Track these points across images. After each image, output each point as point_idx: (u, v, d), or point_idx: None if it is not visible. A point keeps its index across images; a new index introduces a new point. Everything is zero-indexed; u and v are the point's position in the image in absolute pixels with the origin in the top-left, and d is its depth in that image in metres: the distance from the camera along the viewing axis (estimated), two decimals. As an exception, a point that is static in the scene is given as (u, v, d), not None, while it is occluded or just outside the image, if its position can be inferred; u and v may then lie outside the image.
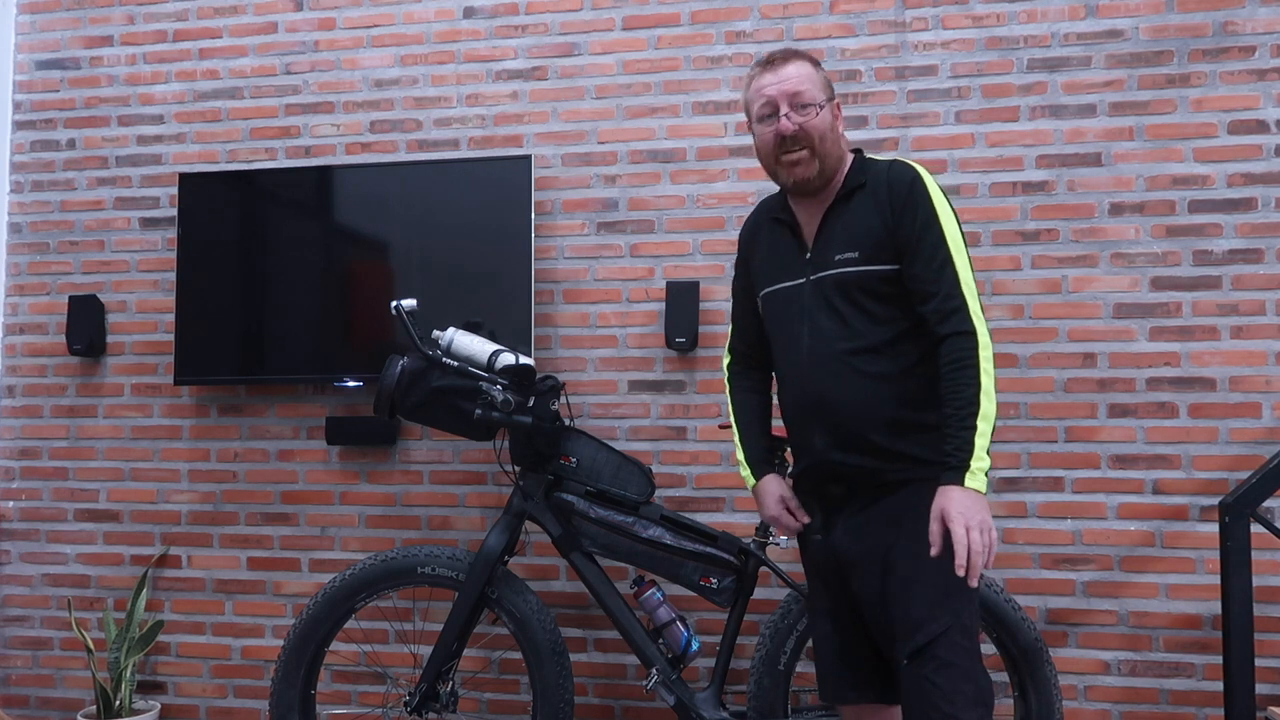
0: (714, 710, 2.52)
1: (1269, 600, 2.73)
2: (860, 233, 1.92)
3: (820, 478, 1.99)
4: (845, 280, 1.92)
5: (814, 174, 1.94)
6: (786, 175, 1.96)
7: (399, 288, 3.09)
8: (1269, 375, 2.79)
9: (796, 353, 1.97)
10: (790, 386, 2.01)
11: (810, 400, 1.95)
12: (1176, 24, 2.87)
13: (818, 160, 1.94)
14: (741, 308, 2.22)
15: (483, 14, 3.22)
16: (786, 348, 2.01)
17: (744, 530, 2.91)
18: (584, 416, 3.08)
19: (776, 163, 1.97)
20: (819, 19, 3.03)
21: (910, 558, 1.84)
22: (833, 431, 1.92)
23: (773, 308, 2.06)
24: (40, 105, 3.47)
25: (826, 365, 1.92)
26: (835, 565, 1.99)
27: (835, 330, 1.92)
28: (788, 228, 2.05)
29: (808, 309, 1.96)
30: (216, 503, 3.28)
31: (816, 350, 1.94)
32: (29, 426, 3.41)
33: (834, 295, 1.93)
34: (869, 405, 1.89)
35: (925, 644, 1.80)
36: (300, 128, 3.30)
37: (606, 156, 3.13)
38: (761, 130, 1.98)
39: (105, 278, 3.39)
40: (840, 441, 1.92)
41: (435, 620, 3.07)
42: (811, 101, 1.93)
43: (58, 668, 3.35)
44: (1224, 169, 2.83)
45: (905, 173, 1.93)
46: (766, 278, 2.08)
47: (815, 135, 1.93)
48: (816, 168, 1.94)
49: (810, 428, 1.96)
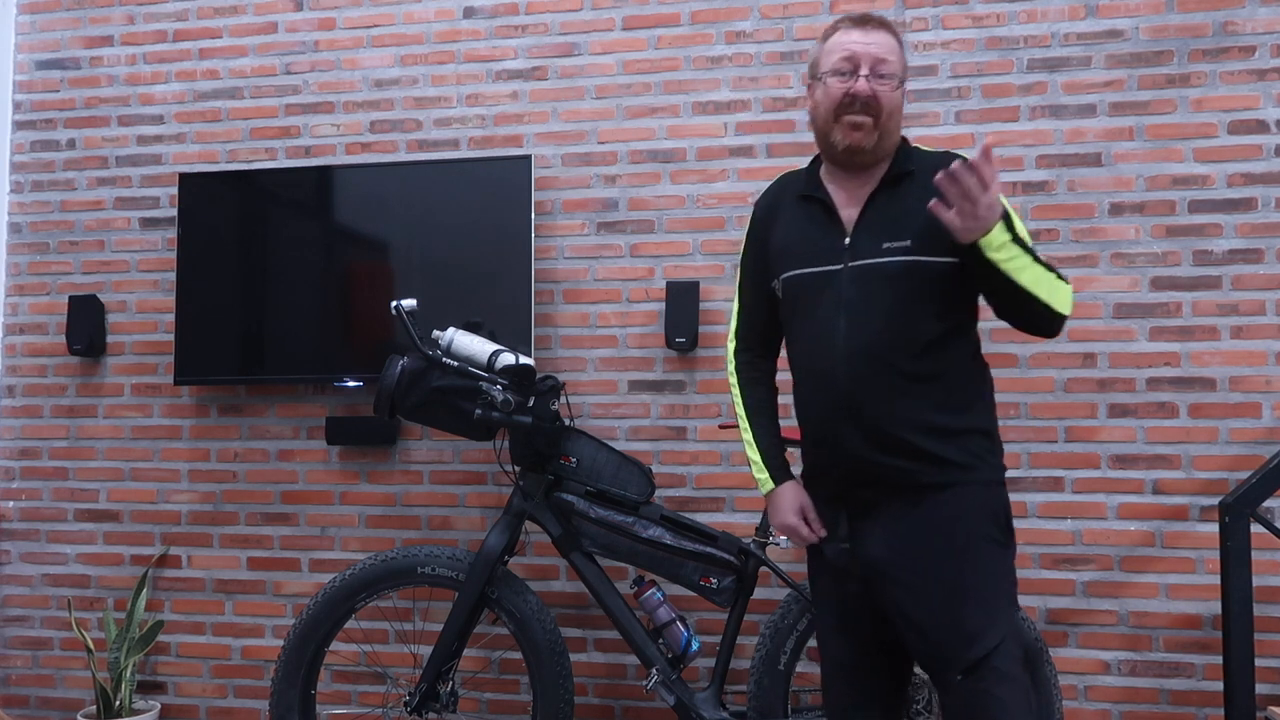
0: (714, 710, 2.52)
1: (1269, 600, 2.73)
2: (913, 222, 1.80)
3: (850, 481, 1.86)
4: (894, 271, 1.80)
5: (870, 145, 1.83)
6: (843, 136, 1.83)
7: (399, 288, 3.08)
8: (1269, 375, 2.79)
9: (829, 345, 1.83)
10: (819, 381, 1.86)
11: (844, 398, 1.81)
12: (1176, 24, 2.87)
13: (878, 134, 1.83)
14: (752, 292, 2.05)
15: (483, 14, 3.22)
16: (816, 339, 1.86)
17: (744, 530, 2.91)
18: (584, 416, 3.08)
19: (835, 120, 1.83)
20: (819, 19, 3.03)
21: (960, 569, 1.77)
22: (869, 432, 1.80)
23: (798, 294, 1.90)
24: (40, 105, 3.47)
25: (866, 361, 1.79)
26: (862, 576, 1.86)
27: (879, 324, 1.80)
28: (821, 207, 1.90)
29: (846, 299, 1.82)
30: (216, 503, 3.28)
31: (856, 344, 1.80)
32: (29, 426, 3.41)
33: (880, 286, 1.80)
34: (910, 407, 1.79)
35: (983, 657, 1.73)
36: (300, 128, 3.30)
37: (606, 156, 3.13)
38: (831, 84, 1.84)
39: (105, 278, 3.39)
40: (877, 442, 1.80)
41: (435, 620, 3.07)
42: (893, 74, 1.83)
43: (58, 668, 3.35)
44: (1224, 169, 2.83)
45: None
46: (791, 260, 1.91)
47: (885, 109, 1.82)
48: (874, 140, 1.83)
49: (842, 427, 1.82)
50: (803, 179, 1.98)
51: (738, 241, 3.03)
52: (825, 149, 1.91)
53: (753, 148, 3.04)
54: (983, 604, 1.76)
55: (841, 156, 1.87)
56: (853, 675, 1.94)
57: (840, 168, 1.90)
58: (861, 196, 1.87)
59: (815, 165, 1.98)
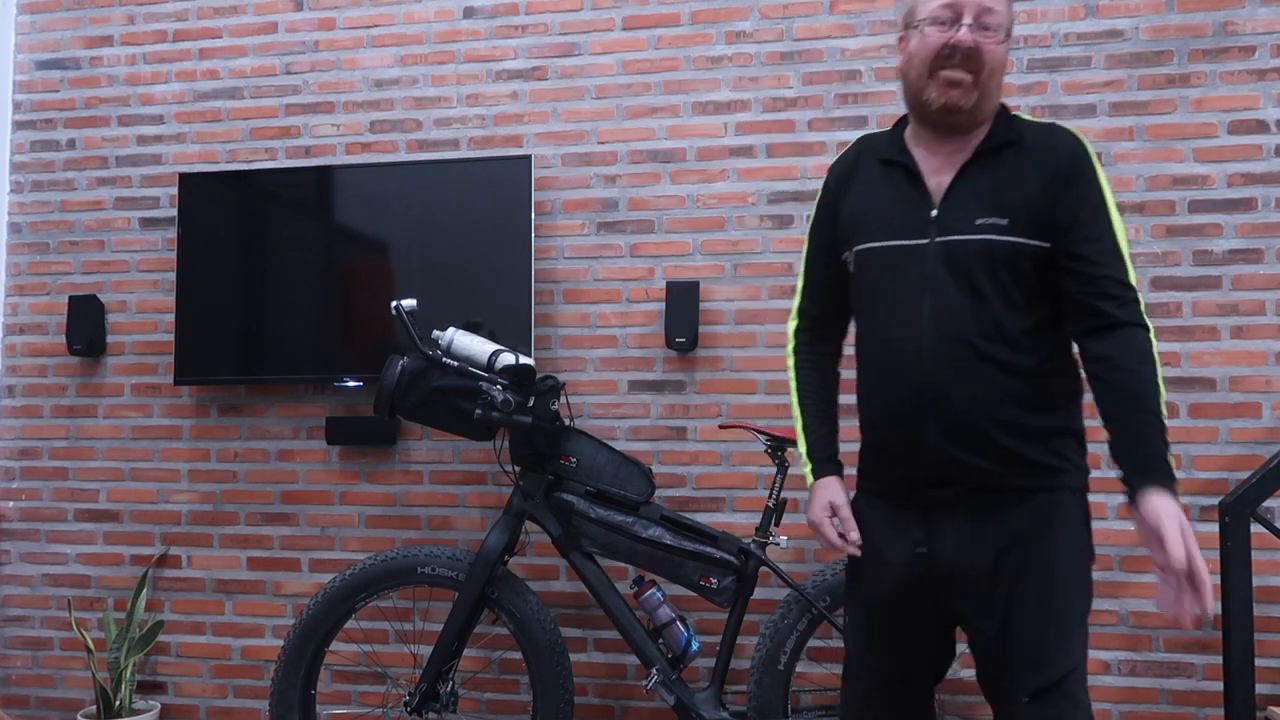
0: (714, 710, 2.52)
1: (1269, 600, 2.73)
2: (1014, 198, 1.63)
3: (925, 480, 1.67)
4: (989, 251, 1.62)
5: (968, 105, 1.65)
6: (938, 94, 1.64)
7: (399, 288, 3.09)
8: (1269, 375, 2.79)
9: (913, 330, 1.65)
10: (896, 369, 1.67)
11: (928, 389, 1.63)
12: (1176, 24, 2.87)
13: (978, 93, 1.65)
14: (820, 266, 1.86)
15: (483, 14, 3.22)
16: (895, 322, 1.68)
17: (744, 530, 2.91)
18: (584, 416, 3.08)
19: (930, 76, 1.65)
20: (819, 19, 3.03)
21: (1044, 584, 1.62)
22: (952, 428, 1.63)
23: (874, 269, 1.72)
24: (40, 105, 3.47)
25: (954, 350, 1.62)
26: (930, 583, 1.69)
27: (970, 310, 1.62)
28: (904, 173, 1.72)
29: (932, 278, 1.64)
30: (216, 503, 3.28)
31: (943, 331, 1.63)
32: (29, 426, 3.41)
33: (972, 267, 1.62)
34: (999, 403, 1.62)
35: (1057, 681, 1.61)
36: (300, 128, 3.30)
37: (606, 156, 3.13)
38: (929, 34, 1.64)
39: (105, 278, 3.39)
40: (960, 440, 1.63)
41: (435, 620, 3.07)
42: (999, 25, 1.64)
43: (58, 668, 3.35)
44: (1224, 169, 2.83)
45: (1075, 142, 1.67)
46: (867, 230, 1.73)
47: (988, 64, 1.64)
48: (974, 100, 1.65)
49: (923, 420, 1.64)
50: (884, 141, 1.79)
51: (738, 241, 3.06)
52: (916, 108, 1.71)
53: (753, 148, 3.04)
54: (1064, 624, 1.62)
55: (934, 117, 1.68)
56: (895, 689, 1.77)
57: (931, 130, 1.70)
58: (954, 164, 1.68)
59: (899, 127, 1.79)
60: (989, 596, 1.64)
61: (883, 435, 1.73)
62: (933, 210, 1.67)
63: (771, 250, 3.02)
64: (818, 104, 3.02)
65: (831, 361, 1.91)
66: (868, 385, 1.75)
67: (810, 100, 3.02)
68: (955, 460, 1.63)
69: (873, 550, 1.75)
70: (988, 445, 1.62)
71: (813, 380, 1.88)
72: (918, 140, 1.73)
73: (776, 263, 3.01)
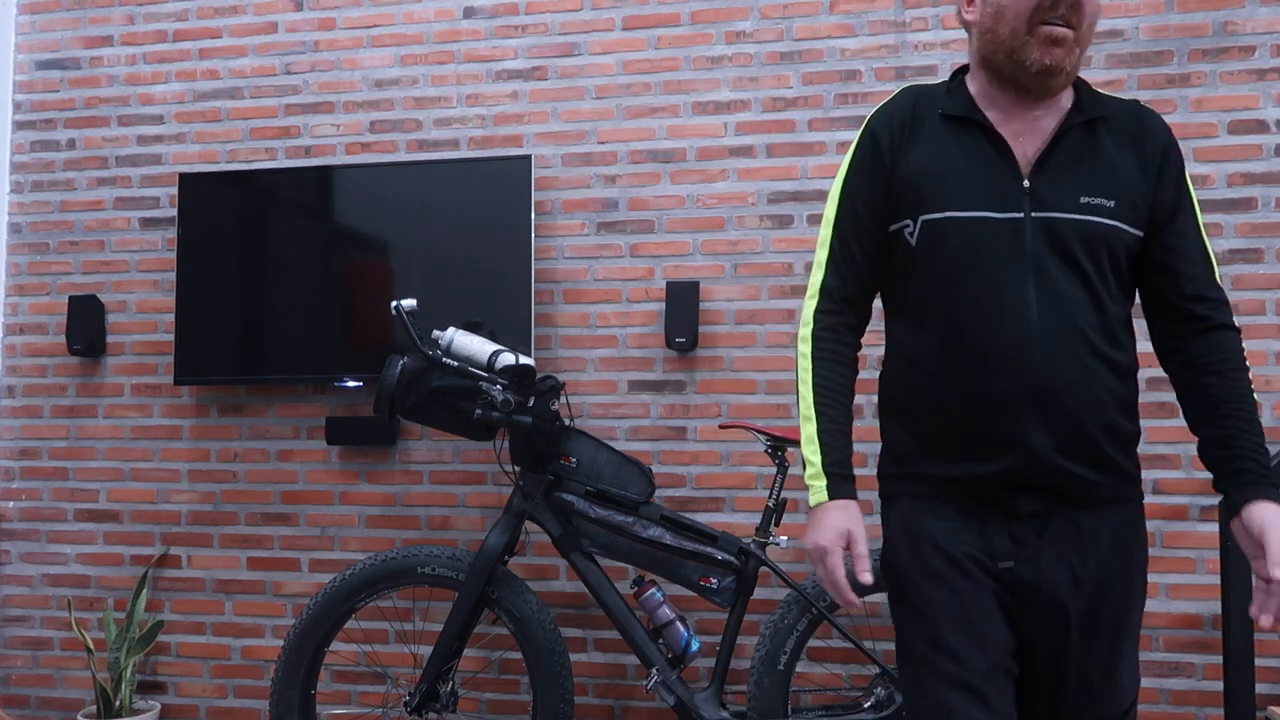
0: (714, 710, 2.52)
1: (1269, 600, 2.72)
2: (1120, 177, 1.46)
3: (1017, 485, 1.46)
4: (1096, 233, 1.44)
5: (1069, 67, 1.45)
6: (1040, 54, 1.42)
7: (399, 288, 3.09)
8: (1269, 375, 2.79)
9: (1018, 314, 1.43)
10: (992, 360, 1.44)
11: (1036, 382, 1.42)
12: (1176, 24, 2.87)
13: (1077, 53, 1.45)
14: (858, 231, 1.56)
15: (483, 14, 3.22)
16: (995, 306, 1.44)
17: (744, 530, 2.91)
18: (584, 416, 3.08)
19: (1029, 32, 1.42)
20: (819, 19, 3.03)
21: (1126, 607, 1.49)
22: (1059, 428, 1.43)
23: (955, 243, 1.47)
24: (40, 105, 3.47)
25: (1065, 340, 1.42)
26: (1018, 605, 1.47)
27: (1079, 296, 1.44)
28: (981, 132, 1.49)
29: (1033, 257, 1.43)
30: (216, 503, 3.28)
31: (1052, 317, 1.42)
32: (29, 426, 3.41)
33: (1077, 248, 1.43)
34: (1101, 401, 1.45)
35: (1126, 710, 1.50)
36: (300, 128, 3.30)
37: (606, 156, 3.13)
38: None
39: (105, 278, 3.39)
40: (1064, 442, 1.44)
41: (435, 620, 3.07)
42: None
43: (58, 668, 3.35)
44: (1224, 169, 2.83)
45: (1167, 129, 1.53)
46: (946, 196, 1.47)
47: (1088, 19, 1.45)
48: (1074, 61, 1.45)
49: (1026, 417, 1.43)
50: (944, 95, 1.54)
51: (738, 241, 3.05)
52: (1004, 69, 1.48)
53: (753, 148, 3.04)
54: (1134, 653, 1.51)
55: (1032, 80, 1.45)
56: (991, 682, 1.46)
57: (1013, 92, 1.49)
58: (1039, 131, 1.48)
59: (957, 81, 1.57)
60: (1079, 622, 1.46)
61: (964, 431, 1.47)
62: (1023, 181, 1.45)
63: (771, 250, 3.02)
64: (818, 104, 3.02)
65: (855, 356, 1.60)
66: (941, 380, 1.49)
67: (810, 100, 3.02)
68: (1057, 466, 1.44)
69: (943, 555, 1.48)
70: (1089, 450, 1.45)
71: (835, 378, 1.56)
72: (990, 101, 1.50)
73: (776, 263, 3.01)
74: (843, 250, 1.57)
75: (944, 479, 1.49)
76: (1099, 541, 1.47)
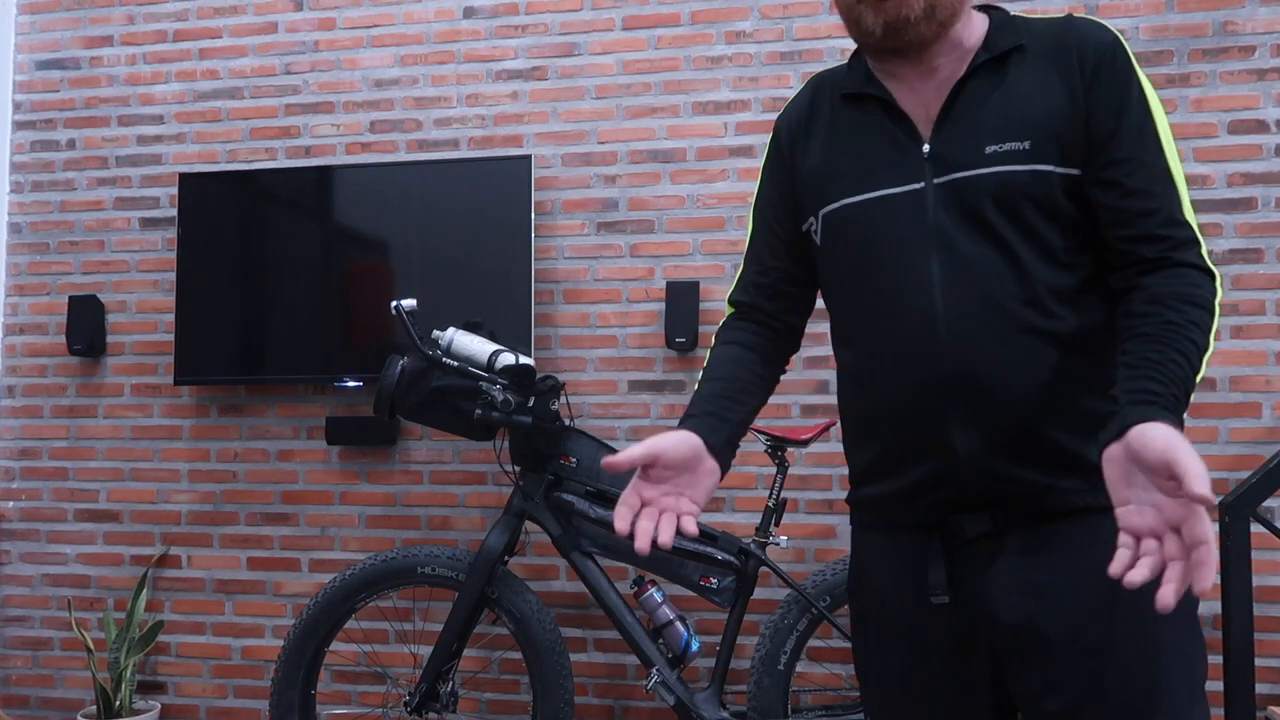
0: (714, 710, 2.52)
1: (1269, 600, 2.73)
2: (1033, 113, 1.20)
3: (953, 503, 1.22)
4: (1011, 184, 1.19)
5: (915, 13, 1.19)
6: (874, 15, 1.21)
7: (399, 288, 3.09)
8: (1269, 375, 2.79)
9: (919, 301, 1.21)
10: (902, 354, 1.23)
11: (949, 375, 1.19)
12: (1176, 24, 2.87)
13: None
14: (768, 235, 1.40)
15: (483, 14, 3.22)
16: (895, 294, 1.24)
17: (744, 530, 2.91)
18: (584, 416, 3.08)
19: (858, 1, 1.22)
20: (819, 19, 3.03)
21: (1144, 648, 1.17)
22: (990, 425, 1.19)
23: (854, 231, 1.28)
24: (40, 105, 3.47)
25: (980, 319, 1.19)
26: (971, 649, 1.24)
27: (993, 263, 1.19)
28: (878, 105, 1.28)
29: (935, 231, 1.21)
30: (216, 503, 3.28)
31: (960, 295, 1.20)
32: (29, 426, 3.41)
33: (988, 209, 1.20)
34: (1051, 385, 1.18)
35: None
36: (300, 128, 3.30)
37: (606, 156, 3.13)
38: None
39: (105, 278, 3.39)
40: (1003, 442, 1.19)
41: (435, 620, 3.07)
42: None
43: (58, 668, 3.35)
44: (1224, 169, 2.83)
45: (1101, 33, 1.23)
46: (838, 185, 1.29)
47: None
48: (921, 6, 1.19)
49: (944, 420, 1.20)
50: (844, 76, 1.34)
51: (738, 241, 3.05)
52: (863, 43, 1.29)
53: (753, 148, 3.04)
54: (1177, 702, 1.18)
55: (883, 43, 1.24)
56: None
57: (895, 58, 1.26)
58: (941, 88, 1.25)
59: (859, 56, 1.34)
60: (1067, 668, 1.18)
61: (886, 440, 1.27)
62: (924, 145, 1.24)
63: (771, 250, 3.02)
64: (818, 104, 3.02)
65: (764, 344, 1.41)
66: (858, 385, 1.32)
67: (810, 100, 3.02)
68: (993, 470, 1.19)
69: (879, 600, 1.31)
70: (1041, 447, 1.19)
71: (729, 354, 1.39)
72: (888, 68, 1.28)
73: (776, 263, 3.01)
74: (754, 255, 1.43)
75: (878, 499, 1.30)
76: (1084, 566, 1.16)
